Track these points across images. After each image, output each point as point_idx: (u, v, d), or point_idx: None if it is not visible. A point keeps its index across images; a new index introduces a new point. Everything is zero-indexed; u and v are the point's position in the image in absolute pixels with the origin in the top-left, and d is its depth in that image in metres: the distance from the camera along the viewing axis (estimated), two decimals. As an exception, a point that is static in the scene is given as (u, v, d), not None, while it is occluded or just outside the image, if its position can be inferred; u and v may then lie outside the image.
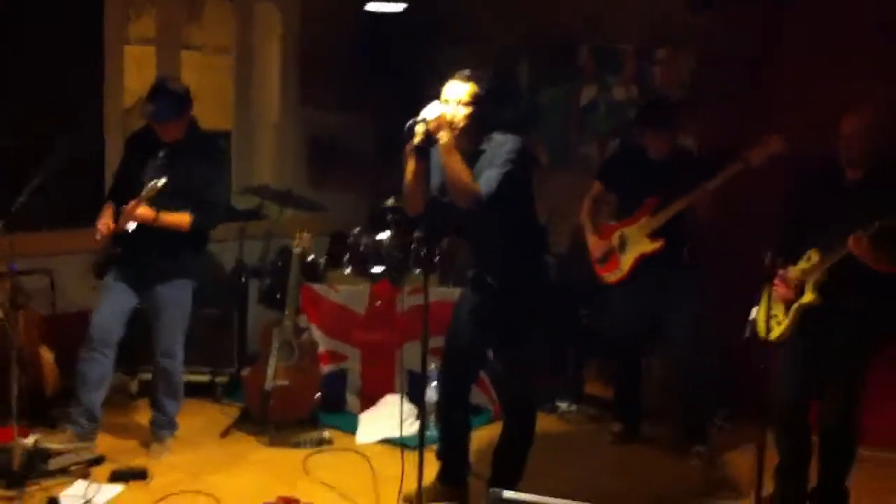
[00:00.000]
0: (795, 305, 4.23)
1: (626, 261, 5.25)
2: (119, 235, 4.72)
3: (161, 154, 4.80)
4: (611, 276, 5.35)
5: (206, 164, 4.84)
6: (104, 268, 4.89)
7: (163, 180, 4.53)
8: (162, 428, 5.04)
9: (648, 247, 5.17)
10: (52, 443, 4.77)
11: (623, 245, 5.27)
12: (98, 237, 4.80)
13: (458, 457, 4.51)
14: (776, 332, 4.30)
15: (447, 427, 4.51)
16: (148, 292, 4.90)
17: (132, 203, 4.63)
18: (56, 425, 4.99)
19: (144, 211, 4.64)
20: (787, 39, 5.74)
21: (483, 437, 5.04)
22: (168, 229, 4.72)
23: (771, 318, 4.29)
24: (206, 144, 4.99)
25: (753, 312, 4.17)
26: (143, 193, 4.58)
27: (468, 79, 4.09)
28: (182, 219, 4.74)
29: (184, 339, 5.03)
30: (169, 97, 4.80)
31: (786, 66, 5.72)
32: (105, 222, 4.78)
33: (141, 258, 4.80)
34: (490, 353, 4.59)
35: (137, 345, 5.17)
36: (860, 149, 4.17)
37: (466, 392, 4.51)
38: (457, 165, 3.96)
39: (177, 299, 4.93)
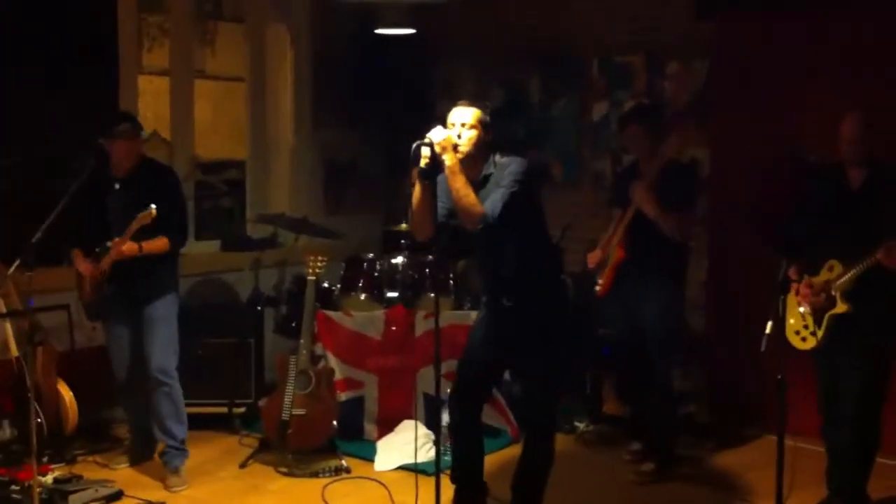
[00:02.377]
0: (828, 315, 4.24)
1: (606, 274, 5.24)
2: (108, 274, 4.88)
3: (117, 187, 4.95)
4: (599, 290, 5.33)
5: (161, 188, 4.95)
6: (99, 308, 5.04)
7: (153, 207, 4.65)
8: (175, 457, 5.05)
9: (617, 256, 5.16)
10: (116, 464, 5.19)
11: (607, 259, 5.26)
12: (86, 281, 4.98)
13: (473, 479, 4.46)
14: (811, 342, 4.33)
15: (459, 449, 4.46)
16: (137, 316, 5.02)
17: (117, 240, 4.77)
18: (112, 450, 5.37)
19: (131, 246, 4.78)
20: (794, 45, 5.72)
21: (502, 460, 5.01)
22: (146, 255, 4.85)
23: (803, 329, 4.34)
24: (158, 171, 5.12)
25: (769, 327, 4.12)
26: (132, 226, 4.70)
27: (472, 103, 4.14)
28: (162, 243, 4.89)
29: (177, 358, 5.08)
30: (133, 119, 5.10)
31: (793, 72, 5.70)
32: (89, 266, 4.94)
33: (127, 287, 4.94)
34: (507, 375, 4.56)
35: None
36: (861, 150, 4.22)
37: (478, 413, 4.46)
38: (462, 187, 3.98)
39: (165, 316, 5.03)
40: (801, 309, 4.35)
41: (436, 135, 3.95)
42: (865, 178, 4.26)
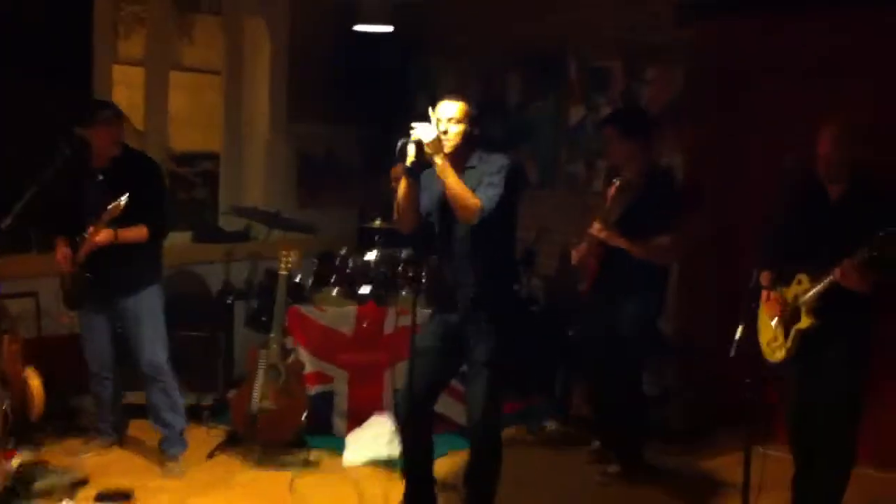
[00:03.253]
0: (794, 330, 4.22)
1: (588, 274, 5.22)
2: (86, 263, 4.83)
3: (99, 178, 4.89)
4: (583, 288, 5.31)
5: (143, 177, 4.92)
6: (78, 297, 4.99)
7: (123, 199, 4.59)
8: (171, 444, 5.06)
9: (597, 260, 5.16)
10: (84, 453, 5.12)
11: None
12: (63, 268, 4.92)
13: (422, 472, 4.43)
14: (780, 355, 4.30)
15: (409, 445, 4.41)
16: (120, 309, 4.98)
17: (91, 230, 4.73)
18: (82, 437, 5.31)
19: (105, 235, 4.73)
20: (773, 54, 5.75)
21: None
22: (126, 244, 4.80)
23: (773, 342, 4.31)
24: (139, 160, 5.07)
25: (739, 332, 4.12)
26: (104, 217, 4.65)
27: (459, 97, 4.14)
28: (140, 232, 4.84)
29: (167, 350, 5.06)
30: (112, 105, 5.08)
31: (771, 81, 5.74)
32: (67, 255, 4.88)
33: (106, 277, 4.88)
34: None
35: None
36: (839, 164, 4.16)
37: (429, 409, 4.42)
38: (456, 184, 4.01)
39: (150, 308, 5.00)
40: (773, 322, 4.34)
41: (424, 134, 3.95)
42: (844, 192, 4.18)
